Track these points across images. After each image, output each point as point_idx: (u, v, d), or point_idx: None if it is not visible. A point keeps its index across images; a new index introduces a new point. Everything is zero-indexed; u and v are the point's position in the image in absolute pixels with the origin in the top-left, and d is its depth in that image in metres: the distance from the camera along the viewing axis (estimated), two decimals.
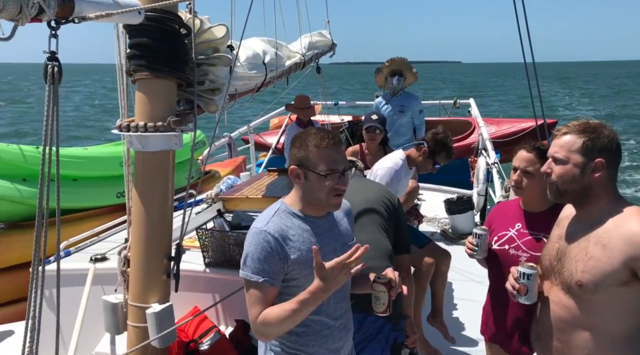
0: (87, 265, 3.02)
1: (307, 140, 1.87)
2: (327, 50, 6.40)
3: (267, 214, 1.91)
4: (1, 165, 4.18)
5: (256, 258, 1.80)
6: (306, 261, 1.83)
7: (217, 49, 2.68)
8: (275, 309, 1.78)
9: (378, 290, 1.86)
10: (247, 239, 1.86)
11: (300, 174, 1.87)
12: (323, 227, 1.94)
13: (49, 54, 1.61)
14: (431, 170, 3.80)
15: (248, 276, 1.82)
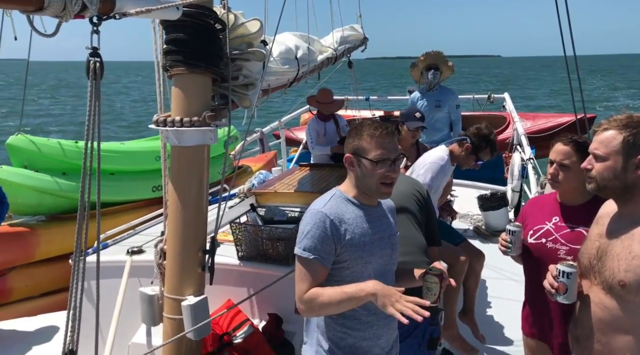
0: (124, 257, 3.08)
1: (361, 130, 1.98)
2: (358, 44, 6.35)
3: (323, 198, 2.01)
4: (42, 159, 4.30)
5: (310, 236, 1.89)
6: (358, 244, 1.93)
7: (251, 43, 2.70)
8: (323, 293, 1.86)
9: (431, 281, 1.92)
10: (304, 219, 1.96)
11: (354, 161, 1.98)
12: (374, 216, 2.03)
13: (91, 50, 1.64)
14: (474, 166, 3.74)
15: (300, 253, 1.91)
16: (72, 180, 4.37)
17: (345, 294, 1.83)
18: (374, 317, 1.98)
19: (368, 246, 1.95)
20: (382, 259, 2.00)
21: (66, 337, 1.89)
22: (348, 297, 1.82)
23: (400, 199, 2.73)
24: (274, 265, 2.85)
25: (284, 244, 2.85)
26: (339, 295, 1.83)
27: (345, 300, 1.83)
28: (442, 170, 3.60)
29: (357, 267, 1.94)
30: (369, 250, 1.95)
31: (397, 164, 1.98)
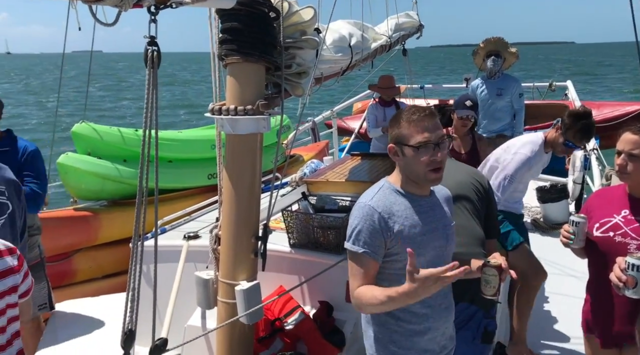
0: (181, 242, 3.17)
1: (400, 117, 1.92)
2: (414, 31, 6.23)
3: (371, 190, 1.97)
4: (104, 146, 4.49)
5: (359, 230, 1.87)
6: (409, 237, 1.88)
7: (304, 31, 2.69)
8: (369, 292, 1.83)
9: (489, 273, 1.87)
10: (353, 213, 1.93)
11: (397, 150, 1.93)
12: (425, 207, 1.97)
13: (149, 39, 1.68)
14: (566, 152, 3.49)
15: (350, 247, 1.89)
16: (132, 167, 4.53)
17: (387, 296, 1.77)
18: (430, 310, 1.94)
19: (419, 238, 1.90)
20: (436, 251, 1.95)
21: (125, 317, 1.97)
22: (389, 297, 1.77)
23: (458, 188, 2.65)
24: (325, 253, 2.86)
25: (335, 232, 2.85)
26: (383, 297, 1.78)
27: (386, 302, 1.79)
28: (527, 162, 3.40)
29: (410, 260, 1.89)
30: (420, 242, 1.89)
31: (442, 147, 1.88)
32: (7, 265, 1.79)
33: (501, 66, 6.16)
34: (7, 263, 1.79)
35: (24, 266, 1.87)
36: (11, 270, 1.80)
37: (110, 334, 3.23)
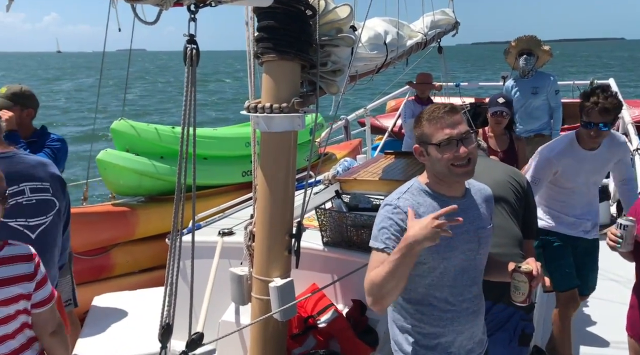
0: (215, 238, 3.21)
1: (421, 117, 1.89)
2: (449, 29, 6.14)
3: (400, 190, 1.94)
4: (141, 143, 4.57)
5: (382, 228, 1.84)
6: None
7: (340, 29, 2.68)
8: (377, 270, 1.78)
9: (518, 279, 1.83)
10: (379, 211, 1.91)
11: (422, 151, 1.89)
12: (458, 208, 1.87)
13: (188, 37, 1.70)
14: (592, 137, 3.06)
15: (372, 244, 1.87)
16: (169, 164, 4.61)
17: (387, 266, 1.71)
18: (455, 312, 1.88)
19: (446, 241, 1.81)
20: (465, 254, 1.87)
21: (163, 312, 2.01)
22: (394, 260, 1.70)
23: (495, 187, 2.58)
24: (359, 252, 2.85)
25: (368, 231, 2.82)
26: (385, 268, 1.72)
27: (393, 264, 1.70)
28: (547, 161, 3.18)
29: (434, 263, 1.83)
30: (447, 245, 1.82)
31: (467, 142, 1.81)
32: (18, 272, 1.75)
33: (534, 65, 6.02)
34: (19, 270, 1.76)
35: (39, 275, 1.81)
36: (24, 277, 1.76)
37: (147, 327, 3.28)
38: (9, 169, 2.24)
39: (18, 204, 2.27)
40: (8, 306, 1.72)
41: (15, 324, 1.76)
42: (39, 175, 2.39)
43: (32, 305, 1.80)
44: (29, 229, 2.32)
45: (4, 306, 1.71)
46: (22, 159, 2.38)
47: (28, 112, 3.15)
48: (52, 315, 1.87)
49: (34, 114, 3.23)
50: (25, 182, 2.32)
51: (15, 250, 1.78)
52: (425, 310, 1.88)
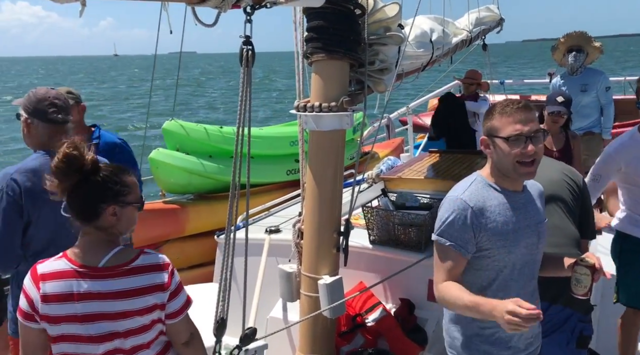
0: (263, 236, 3.27)
1: (493, 109, 1.88)
2: (494, 25, 6.06)
3: (463, 184, 1.94)
4: (191, 142, 4.70)
5: (448, 223, 1.84)
6: (501, 233, 1.84)
7: (388, 28, 2.69)
8: (454, 291, 1.80)
9: (581, 272, 1.82)
10: (443, 206, 1.90)
11: (489, 143, 1.88)
12: (519, 203, 1.91)
13: (244, 39, 1.75)
14: None
15: (437, 239, 1.88)
16: (217, 162, 4.71)
17: (473, 302, 1.73)
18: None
19: (512, 235, 1.85)
20: (527, 248, 1.89)
21: (218, 307, 2.06)
22: (469, 307, 1.74)
23: (551, 186, 2.52)
24: (406, 251, 2.84)
25: (416, 230, 2.83)
26: (467, 301, 1.75)
27: (464, 309, 1.77)
28: (608, 155, 3.08)
29: (499, 256, 1.85)
30: (512, 239, 1.85)
31: (536, 141, 1.81)
32: (153, 282, 1.69)
33: (583, 61, 5.81)
34: (153, 279, 1.69)
35: (173, 285, 1.74)
36: (158, 287, 1.69)
37: (198, 322, 3.37)
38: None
39: None
40: (143, 316, 1.66)
41: (151, 333, 1.71)
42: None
43: (166, 315, 1.74)
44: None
45: (139, 316, 1.66)
46: None
47: (81, 106, 3.27)
48: (185, 326, 1.81)
49: (85, 109, 3.33)
50: None
51: (150, 259, 1.72)
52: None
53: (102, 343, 1.65)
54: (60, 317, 1.63)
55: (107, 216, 1.67)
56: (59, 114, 2.42)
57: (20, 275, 2.35)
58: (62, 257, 1.69)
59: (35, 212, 2.26)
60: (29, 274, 1.68)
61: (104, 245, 1.70)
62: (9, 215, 2.22)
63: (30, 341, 1.68)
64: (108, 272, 1.65)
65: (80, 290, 1.63)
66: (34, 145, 2.44)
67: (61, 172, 1.63)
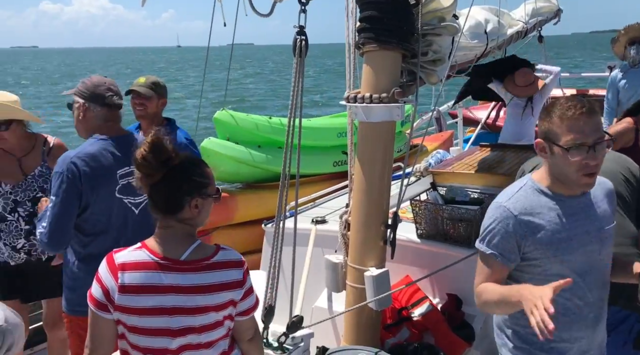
0: (309, 226, 3.29)
1: (552, 110, 1.72)
2: (551, 16, 5.83)
3: (512, 189, 1.83)
4: (241, 132, 4.77)
5: (490, 231, 1.78)
6: (551, 243, 1.73)
7: (442, 18, 2.64)
8: (490, 288, 1.75)
9: None
10: (488, 211, 1.83)
11: (545, 147, 1.74)
12: (575, 207, 1.78)
13: (298, 29, 1.75)
14: None
15: (479, 246, 1.83)
16: (265, 152, 4.77)
17: (499, 296, 1.68)
18: (575, 316, 1.78)
19: (564, 243, 1.73)
20: (585, 256, 1.76)
21: (266, 294, 2.09)
22: (500, 300, 1.68)
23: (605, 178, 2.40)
24: (455, 245, 2.80)
25: (465, 225, 2.78)
26: (495, 296, 1.70)
27: (500, 302, 1.70)
28: None
29: (550, 266, 1.74)
30: (565, 248, 1.73)
31: (599, 149, 1.65)
32: (231, 278, 1.68)
33: None
34: (231, 276, 1.68)
35: (248, 283, 1.73)
36: (235, 283, 1.68)
37: None
38: (123, 151, 2.42)
39: (129, 184, 2.40)
40: (218, 312, 1.65)
41: (222, 330, 1.70)
42: None
43: (239, 313, 1.73)
44: (135, 206, 2.47)
45: (215, 312, 1.64)
46: (136, 142, 2.54)
47: (162, 101, 3.37)
48: (252, 323, 1.81)
49: (165, 105, 3.43)
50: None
51: (228, 255, 1.71)
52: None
53: (176, 337, 1.62)
54: (137, 309, 1.60)
55: (190, 209, 1.65)
56: (115, 98, 2.49)
57: (70, 256, 2.46)
58: (142, 248, 1.66)
59: (92, 196, 2.34)
60: (104, 263, 1.64)
61: (185, 238, 1.67)
62: (67, 197, 2.29)
63: (101, 331, 1.65)
64: (189, 266, 1.63)
65: (161, 282, 1.60)
66: (88, 131, 2.49)
67: (146, 163, 1.60)
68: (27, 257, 2.90)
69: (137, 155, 1.59)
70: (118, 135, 2.48)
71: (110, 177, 2.38)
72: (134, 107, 3.33)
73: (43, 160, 2.92)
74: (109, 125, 2.48)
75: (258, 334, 1.85)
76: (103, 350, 1.66)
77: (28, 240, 2.87)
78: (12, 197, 2.77)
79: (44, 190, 2.86)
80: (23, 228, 2.84)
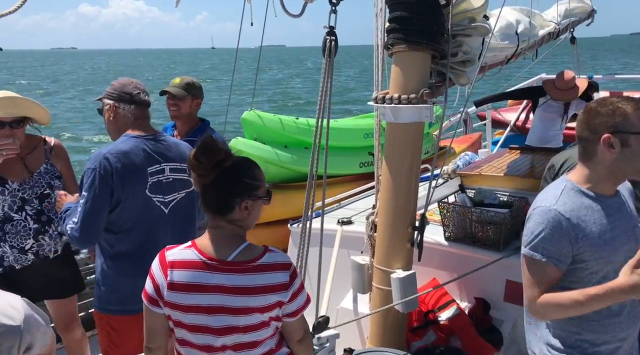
0: (335, 226, 3.28)
1: (619, 104, 1.69)
2: (584, 17, 5.72)
3: (553, 192, 1.79)
4: (267, 132, 4.80)
5: (542, 237, 1.71)
6: (598, 244, 1.71)
7: (473, 19, 2.61)
8: (558, 296, 1.70)
9: None
10: (533, 217, 1.76)
11: (615, 142, 1.68)
12: (614, 208, 1.77)
13: (328, 29, 1.75)
14: None
15: (532, 255, 1.74)
16: (291, 153, 4.79)
17: (586, 295, 1.62)
18: (619, 317, 1.75)
19: (609, 244, 1.71)
20: (625, 256, 1.72)
21: None
22: (590, 296, 1.62)
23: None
24: (483, 249, 2.76)
25: (494, 228, 2.74)
26: (580, 296, 1.64)
27: (587, 299, 1.63)
28: None
29: (598, 267, 1.72)
30: (611, 248, 1.71)
31: None
32: (277, 281, 1.67)
33: None
34: (278, 278, 1.67)
35: (295, 285, 1.71)
36: (282, 286, 1.67)
37: None
38: (154, 149, 2.46)
39: (159, 182, 2.45)
40: (263, 314, 1.65)
41: (269, 330, 1.70)
42: (179, 157, 2.56)
43: (286, 314, 1.72)
44: (164, 204, 2.48)
45: (259, 313, 1.65)
46: (165, 141, 2.57)
47: (197, 102, 3.41)
48: (301, 325, 1.79)
49: (200, 105, 3.47)
50: (166, 162, 2.50)
51: (275, 258, 1.70)
52: (586, 316, 1.75)
53: (221, 336, 1.64)
54: (184, 306, 1.64)
55: (240, 210, 1.66)
56: (142, 95, 2.53)
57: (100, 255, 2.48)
58: (191, 247, 1.69)
59: (124, 193, 2.36)
60: (157, 260, 1.69)
61: (233, 239, 1.69)
62: (98, 193, 2.32)
63: (154, 325, 1.71)
64: (236, 267, 1.64)
65: (207, 281, 1.63)
66: (120, 130, 2.52)
67: (199, 164, 1.61)
68: (34, 258, 2.80)
69: (191, 156, 1.62)
70: (148, 133, 2.52)
71: (141, 175, 2.40)
72: (168, 107, 3.39)
73: (47, 157, 2.86)
74: (139, 123, 2.51)
75: (308, 334, 1.85)
76: (157, 343, 1.72)
77: (37, 240, 2.78)
78: (20, 194, 2.68)
79: (51, 187, 2.81)
80: (32, 227, 2.76)
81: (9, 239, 2.72)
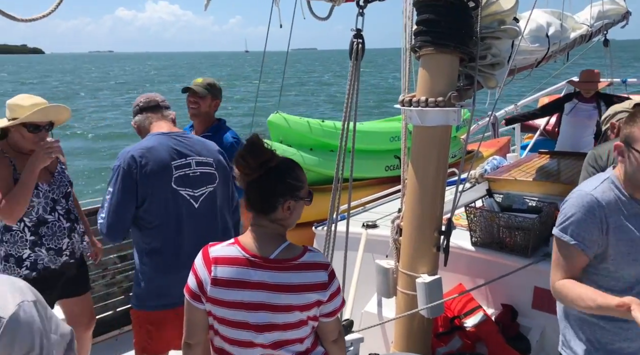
0: (360, 230, 3.27)
1: (636, 115, 1.70)
2: (619, 19, 5.58)
3: (594, 181, 1.81)
4: (293, 135, 4.82)
5: (575, 220, 1.73)
6: (626, 239, 1.71)
7: (502, 21, 2.57)
8: (575, 289, 1.70)
9: None
10: (569, 201, 1.79)
11: (624, 151, 1.73)
12: (638, 209, 1.76)
13: (355, 32, 1.75)
14: None
15: (561, 235, 1.77)
16: (317, 155, 4.80)
17: (595, 302, 1.62)
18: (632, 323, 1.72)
19: (636, 243, 1.70)
20: None
21: None
22: (597, 307, 1.62)
23: None
24: (511, 255, 2.72)
25: (523, 233, 2.69)
26: (590, 301, 1.63)
27: (594, 308, 1.64)
28: None
29: (622, 264, 1.71)
30: (637, 247, 1.70)
31: None
32: (316, 280, 1.68)
33: None
34: (317, 277, 1.69)
35: (333, 285, 1.73)
36: (320, 285, 1.69)
37: None
38: (179, 145, 2.49)
39: (186, 175, 2.48)
40: (302, 312, 1.67)
41: (306, 329, 1.72)
42: (204, 152, 2.58)
43: (323, 314, 1.74)
44: (194, 199, 2.50)
45: (299, 311, 1.67)
46: (190, 138, 2.63)
47: (216, 103, 3.47)
48: (337, 326, 1.82)
49: (218, 106, 3.52)
50: (191, 156, 2.53)
51: (315, 257, 1.73)
52: (615, 323, 1.74)
53: (261, 333, 1.66)
54: (227, 302, 1.66)
55: (283, 210, 1.68)
56: (159, 98, 2.64)
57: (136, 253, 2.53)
58: (235, 244, 1.71)
59: (149, 188, 2.40)
60: (200, 255, 1.72)
61: (275, 237, 1.71)
62: (122, 187, 2.37)
63: (195, 320, 1.73)
64: (278, 265, 1.66)
65: (250, 278, 1.65)
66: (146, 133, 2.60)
67: (245, 163, 1.64)
68: (67, 258, 2.80)
69: (237, 155, 1.65)
70: (172, 131, 2.57)
71: (165, 168, 2.43)
72: (188, 105, 3.45)
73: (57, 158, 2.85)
74: (162, 124, 2.57)
75: (342, 336, 1.87)
76: (197, 339, 1.75)
77: (70, 238, 2.81)
78: (51, 195, 2.73)
79: (71, 184, 2.89)
80: (65, 226, 2.78)
81: (45, 242, 2.74)
